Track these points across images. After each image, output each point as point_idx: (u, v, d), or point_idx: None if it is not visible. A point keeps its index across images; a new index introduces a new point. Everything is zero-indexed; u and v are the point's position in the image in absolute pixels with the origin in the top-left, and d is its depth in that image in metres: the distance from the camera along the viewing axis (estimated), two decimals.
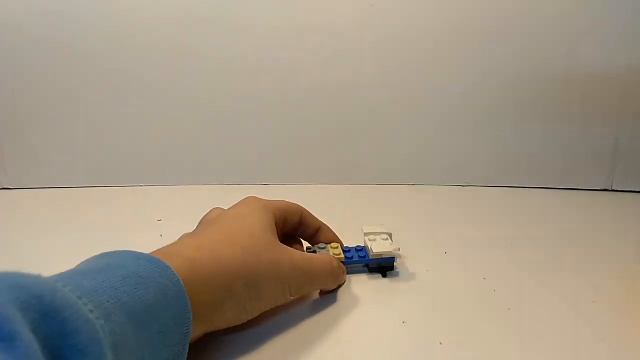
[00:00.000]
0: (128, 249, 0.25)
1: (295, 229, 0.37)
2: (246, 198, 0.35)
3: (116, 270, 0.22)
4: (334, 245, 0.37)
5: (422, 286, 0.36)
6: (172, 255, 0.25)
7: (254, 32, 0.51)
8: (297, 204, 0.37)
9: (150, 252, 0.35)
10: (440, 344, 0.30)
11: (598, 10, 0.49)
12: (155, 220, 0.46)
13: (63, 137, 0.54)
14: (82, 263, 0.24)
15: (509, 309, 0.33)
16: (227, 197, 0.37)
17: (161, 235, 0.43)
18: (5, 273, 0.18)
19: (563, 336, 0.31)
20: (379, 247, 0.36)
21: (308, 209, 0.39)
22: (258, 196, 0.36)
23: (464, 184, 0.55)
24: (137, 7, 0.50)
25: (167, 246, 0.28)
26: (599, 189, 0.54)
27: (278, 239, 0.32)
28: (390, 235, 0.38)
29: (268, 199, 0.36)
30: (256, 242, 0.29)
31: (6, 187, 0.54)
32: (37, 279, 0.19)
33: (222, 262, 0.27)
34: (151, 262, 0.23)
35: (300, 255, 0.32)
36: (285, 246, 0.32)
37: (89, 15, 0.50)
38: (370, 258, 0.36)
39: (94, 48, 0.51)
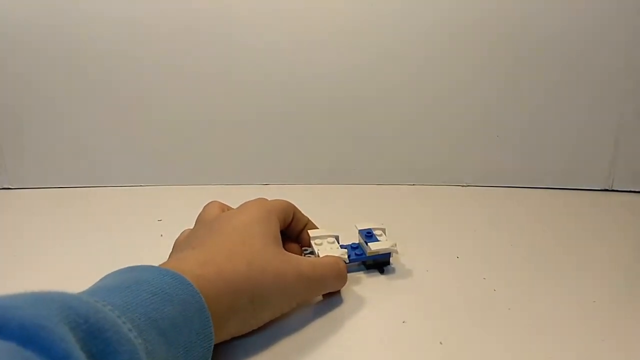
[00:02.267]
0: (152, 265, 0.25)
1: (287, 227, 0.37)
2: (251, 202, 0.34)
3: (144, 287, 0.23)
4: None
5: (422, 286, 0.36)
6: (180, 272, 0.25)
7: (254, 32, 0.51)
8: (289, 202, 0.37)
9: (149, 253, 0.35)
10: (440, 343, 0.30)
11: (598, 10, 0.49)
12: (155, 220, 0.46)
13: (63, 137, 0.54)
14: (109, 277, 0.25)
15: (509, 309, 0.33)
16: (227, 197, 0.37)
17: (161, 235, 0.44)
18: (53, 293, 0.19)
19: (563, 336, 0.31)
20: (376, 245, 0.36)
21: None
22: (258, 196, 0.36)
23: (464, 184, 0.55)
24: (138, 8, 0.50)
25: (172, 260, 0.28)
26: (598, 189, 0.54)
27: (282, 247, 0.32)
28: (384, 230, 0.38)
29: (268, 198, 0.36)
30: (261, 254, 0.29)
31: (6, 187, 0.54)
32: (81, 299, 0.20)
33: (227, 278, 0.27)
34: (175, 279, 0.24)
35: (306, 263, 0.31)
36: (290, 254, 0.31)
37: (90, 16, 0.50)
38: (367, 255, 0.36)
39: (95, 48, 0.51)
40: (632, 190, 0.54)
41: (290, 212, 0.36)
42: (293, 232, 0.38)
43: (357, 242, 0.38)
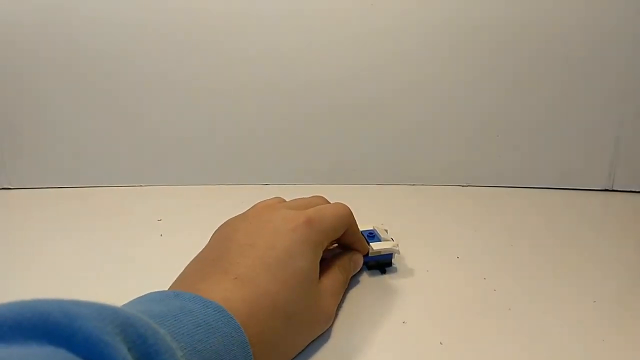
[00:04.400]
0: (195, 294, 0.24)
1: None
2: (300, 218, 0.30)
3: (189, 317, 0.22)
4: None
5: (422, 286, 0.36)
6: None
7: (253, 32, 0.51)
8: (347, 216, 0.33)
9: (149, 253, 0.34)
10: (441, 344, 0.30)
11: (598, 10, 0.49)
12: (155, 220, 0.46)
13: (62, 137, 0.54)
14: (151, 300, 0.24)
15: (509, 309, 0.33)
16: (227, 197, 0.37)
17: (161, 235, 0.44)
18: (113, 307, 0.18)
19: (563, 336, 0.31)
20: (377, 245, 0.36)
21: None
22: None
23: (464, 184, 0.55)
24: (136, 6, 0.50)
25: (210, 285, 0.26)
26: (599, 189, 0.54)
27: (318, 282, 0.30)
28: (387, 231, 0.38)
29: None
30: (301, 306, 0.27)
31: (6, 187, 0.54)
32: (141, 317, 0.19)
33: (265, 336, 0.25)
34: (218, 311, 0.23)
35: (333, 301, 0.31)
36: (321, 292, 0.30)
37: (89, 15, 0.50)
38: (369, 255, 0.36)
39: (94, 48, 0.51)
40: (633, 190, 0.54)
41: (339, 233, 0.33)
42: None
43: None
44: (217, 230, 0.32)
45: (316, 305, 0.29)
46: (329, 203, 0.35)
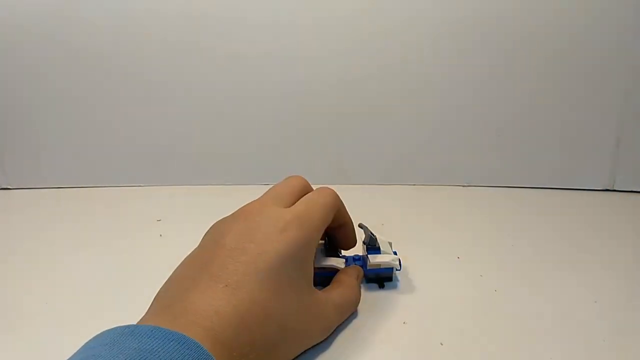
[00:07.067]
0: (157, 326, 0.22)
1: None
2: (291, 216, 0.29)
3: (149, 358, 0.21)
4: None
5: (422, 286, 0.36)
6: (188, 325, 0.23)
7: (253, 31, 0.51)
8: (334, 201, 0.32)
9: (149, 253, 0.34)
10: (441, 344, 0.30)
11: (598, 10, 0.49)
12: (155, 220, 0.46)
13: (63, 136, 0.54)
14: (103, 343, 0.21)
15: (509, 309, 0.33)
16: (227, 197, 0.37)
17: (161, 235, 0.44)
18: None
19: (563, 336, 0.31)
20: (376, 257, 0.35)
21: None
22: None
23: (464, 184, 0.55)
24: (136, 5, 0.50)
25: (177, 306, 0.25)
26: (600, 189, 0.54)
27: (313, 289, 0.29)
28: (391, 244, 0.37)
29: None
30: (294, 315, 0.27)
31: (6, 187, 0.54)
32: None
33: (257, 347, 0.24)
34: (180, 343, 0.21)
35: (333, 310, 0.30)
36: (318, 299, 0.29)
37: (90, 14, 0.50)
38: (368, 268, 0.35)
39: (95, 47, 0.51)
40: (634, 190, 0.54)
41: (330, 219, 0.32)
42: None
43: (360, 254, 0.37)
44: (207, 231, 0.31)
45: (311, 313, 0.28)
46: (306, 183, 0.34)
